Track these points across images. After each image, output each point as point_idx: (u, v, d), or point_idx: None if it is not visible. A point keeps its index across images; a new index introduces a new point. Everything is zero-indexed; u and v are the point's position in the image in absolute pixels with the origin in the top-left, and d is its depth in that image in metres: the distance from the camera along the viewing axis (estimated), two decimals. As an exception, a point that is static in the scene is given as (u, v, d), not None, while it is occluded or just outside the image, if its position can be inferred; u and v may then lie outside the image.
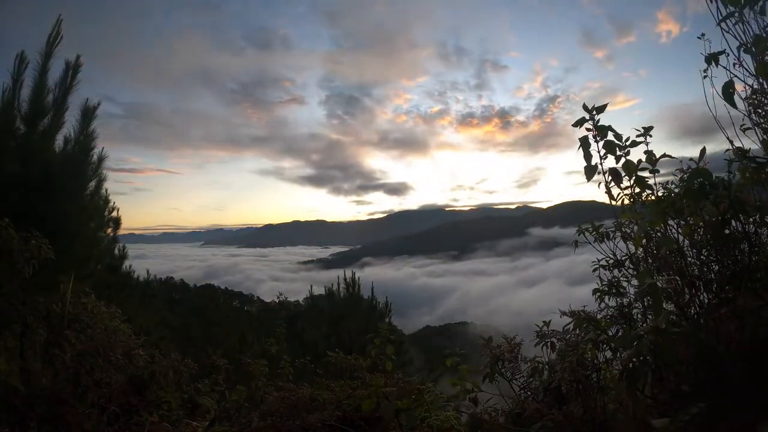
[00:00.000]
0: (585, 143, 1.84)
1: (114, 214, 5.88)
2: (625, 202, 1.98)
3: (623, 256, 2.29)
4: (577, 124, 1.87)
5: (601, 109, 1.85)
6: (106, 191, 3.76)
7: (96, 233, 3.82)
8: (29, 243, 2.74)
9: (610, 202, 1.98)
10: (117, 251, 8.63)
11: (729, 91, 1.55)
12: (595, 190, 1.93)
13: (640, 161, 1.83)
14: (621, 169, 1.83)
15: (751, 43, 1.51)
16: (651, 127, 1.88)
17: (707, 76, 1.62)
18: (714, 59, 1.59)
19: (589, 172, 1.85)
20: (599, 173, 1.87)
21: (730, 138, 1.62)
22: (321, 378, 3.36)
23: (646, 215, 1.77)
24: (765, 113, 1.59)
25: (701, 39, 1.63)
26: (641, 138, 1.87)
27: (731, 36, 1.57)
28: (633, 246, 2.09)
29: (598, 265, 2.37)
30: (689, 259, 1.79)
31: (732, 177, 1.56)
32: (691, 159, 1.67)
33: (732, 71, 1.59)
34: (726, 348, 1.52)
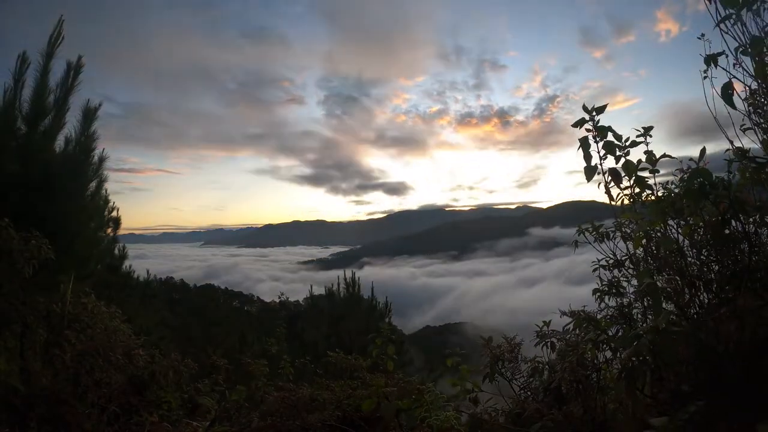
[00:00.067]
0: (585, 144, 1.85)
1: (114, 214, 5.89)
2: (625, 202, 1.98)
3: (623, 256, 2.29)
4: (577, 124, 1.87)
5: (601, 110, 1.85)
6: (106, 191, 3.77)
7: (96, 233, 3.82)
8: (29, 243, 2.74)
9: (609, 202, 1.98)
10: (117, 251, 8.64)
11: (728, 93, 1.55)
12: (595, 190, 1.93)
13: (640, 161, 1.83)
14: (621, 170, 1.83)
15: (750, 45, 1.52)
16: (651, 127, 1.88)
17: (707, 76, 1.62)
18: (713, 60, 1.59)
19: (589, 172, 1.85)
20: (599, 173, 1.87)
21: (730, 138, 1.62)
22: (321, 378, 3.36)
23: (646, 215, 1.77)
24: (764, 113, 1.59)
25: (701, 39, 1.63)
26: (641, 138, 1.87)
27: (730, 37, 1.57)
28: (633, 246, 2.09)
29: (598, 265, 2.37)
30: (689, 259, 1.79)
31: (732, 177, 1.56)
32: (691, 159, 1.67)
33: (731, 72, 1.59)
34: (726, 348, 1.52)
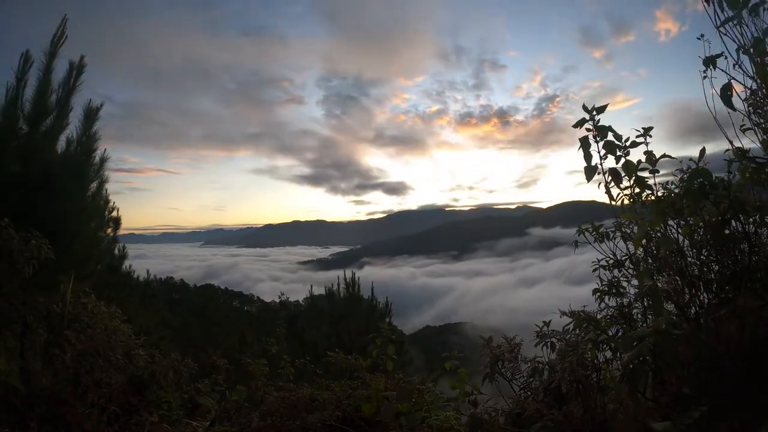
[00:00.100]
0: (585, 143, 1.85)
1: (114, 214, 5.88)
2: (625, 202, 1.98)
3: (623, 256, 2.30)
4: (578, 124, 1.87)
5: (602, 110, 1.85)
6: (107, 192, 3.76)
7: (96, 233, 3.82)
8: (29, 243, 2.74)
9: (609, 202, 1.98)
10: (117, 251, 8.63)
11: (727, 94, 1.55)
12: (595, 190, 1.93)
13: (640, 161, 1.83)
14: (621, 170, 1.83)
15: (750, 46, 1.52)
16: (651, 128, 1.88)
17: (707, 77, 1.62)
18: (712, 62, 1.60)
19: (589, 172, 1.85)
20: (599, 173, 1.87)
21: (730, 138, 1.62)
22: (321, 378, 3.35)
23: (646, 215, 1.77)
24: (764, 114, 1.59)
25: (700, 40, 1.64)
26: (641, 138, 1.87)
27: (729, 38, 1.57)
28: (633, 246, 2.10)
29: (598, 265, 2.38)
30: (689, 259, 1.79)
31: (732, 177, 1.56)
32: (691, 159, 1.67)
33: (730, 73, 1.59)
34: (726, 348, 1.53)
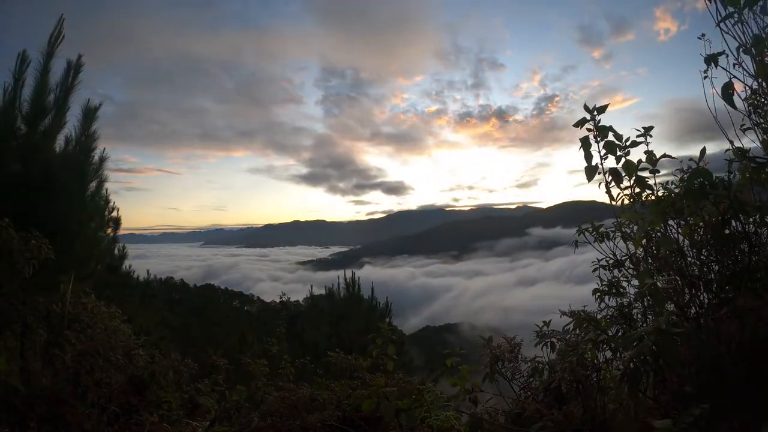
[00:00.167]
0: (586, 143, 1.84)
1: (114, 214, 5.89)
2: (625, 202, 1.98)
3: (623, 256, 2.29)
4: (578, 124, 1.87)
5: (602, 110, 1.84)
6: (106, 191, 3.76)
7: (96, 233, 3.82)
8: (29, 243, 2.74)
9: (610, 202, 1.98)
10: (117, 251, 8.63)
11: (728, 92, 1.55)
12: (596, 190, 1.93)
13: (640, 161, 1.83)
14: (621, 169, 1.83)
15: (751, 44, 1.51)
16: (651, 127, 1.88)
17: (707, 76, 1.62)
18: (713, 60, 1.59)
19: (590, 172, 1.85)
20: (600, 173, 1.87)
21: (730, 138, 1.62)
22: (321, 378, 3.36)
23: (646, 215, 1.77)
24: (765, 113, 1.59)
25: (701, 39, 1.63)
26: (641, 138, 1.87)
27: (731, 36, 1.57)
28: (633, 246, 2.09)
29: (598, 265, 2.37)
30: (689, 259, 1.79)
31: (732, 177, 1.55)
32: (691, 159, 1.67)
33: (731, 72, 1.59)
34: (726, 348, 1.52)
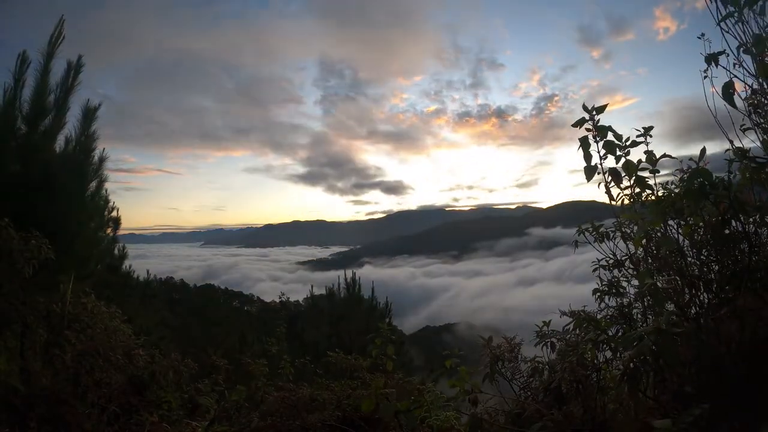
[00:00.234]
0: (585, 143, 1.84)
1: (114, 214, 5.89)
2: (625, 202, 1.97)
3: (623, 256, 2.29)
4: (578, 124, 1.86)
5: (601, 110, 1.84)
6: (106, 191, 3.77)
7: (96, 233, 3.82)
8: (29, 243, 2.74)
9: (609, 202, 1.97)
10: (117, 251, 8.63)
11: (729, 92, 1.55)
12: (596, 190, 1.92)
13: (640, 161, 1.83)
14: (621, 169, 1.82)
15: (751, 44, 1.51)
16: (651, 127, 1.87)
17: (707, 76, 1.61)
18: (713, 60, 1.59)
19: (589, 172, 1.84)
20: (599, 173, 1.87)
21: (730, 138, 1.62)
22: (321, 378, 3.36)
23: (646, 215, 1.77)
24: (765, 113, 1.59)
25: (701, 39, 1.63)
26: (641, 138, 1.87)
27: (731, 36, 1.57)
28: (633, 246, 2.09)
29: (598, 265, 2.37)
30: (689, 259, 1.78)
31: (732, 177, 1.55)
32: (691, 159, 1.67)
33: (732, 71, 1.59)
34: (726, 348, 1.52)
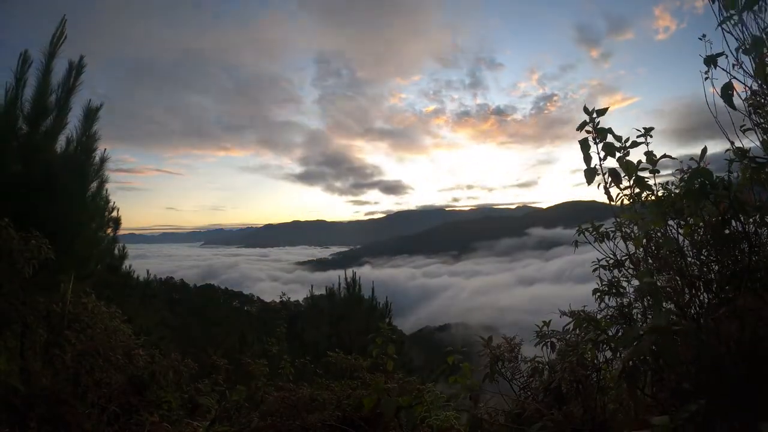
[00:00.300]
0: (585, 145, 1.83)
1: (114, 214, 5.89)
2: (625, 202, 1.97)
3: (623, 256, 2.29)
4: (580, 128, 1.85)
5: (602, 113, 1.83)
6: (107, 191, 3.77)
7: (96, 233, 3.82)
8: (29, 243, 2.74)
9: (609, 202, 1.97)
10: (117, 251, 8.62)
11: (728, 93, 1.55)
12: (595, 190, 1.92)
13: (640, 161, 1.83)
14: (620, 170, 1.82)
15: (750, 45, 1.51)
16: (651, 128, 1.87)
17: (708, 77, 1.62)
18: (712, 61, 1.59)
19: (590, 175, 1.83)
20: (599, 174, 1.87)
21: (730, 138, 1.62)
22: (321, 378, 3.36)
23: (646, 215, 1.77)
24: (765, 114, 1.59)
25: (702, 40, 1.63)
26: (641, 138, 1.87)
27: (731, 37, 1.57)
28: (633, 246, 2.09)
29: (598, 265, 2.37)
30: (689, 259, 1.79)
31: (732, 177, 1.56)
32: (692, 159, 1.67)
33: (731, 72, 1.59)
34: (726, 348, 1.53)
